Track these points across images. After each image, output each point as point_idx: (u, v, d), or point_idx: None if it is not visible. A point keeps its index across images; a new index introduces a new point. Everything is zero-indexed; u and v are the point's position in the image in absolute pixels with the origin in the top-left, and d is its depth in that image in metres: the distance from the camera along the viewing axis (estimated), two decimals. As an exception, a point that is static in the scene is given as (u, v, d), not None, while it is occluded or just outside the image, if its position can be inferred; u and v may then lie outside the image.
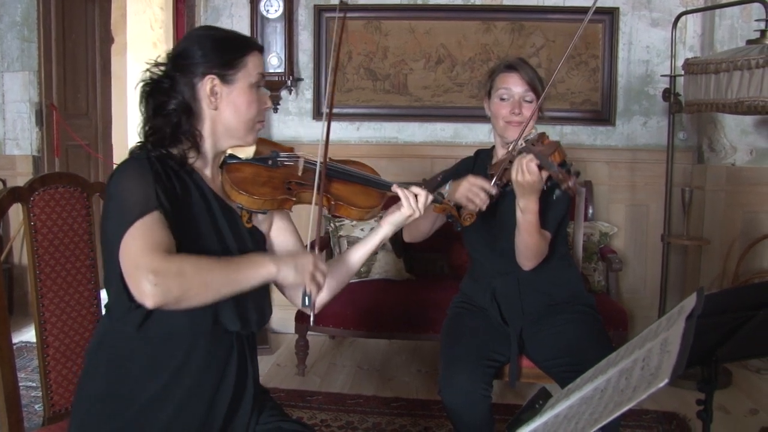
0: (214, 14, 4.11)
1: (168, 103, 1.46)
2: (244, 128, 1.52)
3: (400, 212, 1.64)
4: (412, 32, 4.01)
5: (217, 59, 1.47)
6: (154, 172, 1.39)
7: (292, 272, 1.40)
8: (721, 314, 1.45)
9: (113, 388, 1.43)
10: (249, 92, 1.50)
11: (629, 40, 3.91)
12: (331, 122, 1.62)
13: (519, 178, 1.96)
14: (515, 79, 2.21)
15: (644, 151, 3.93)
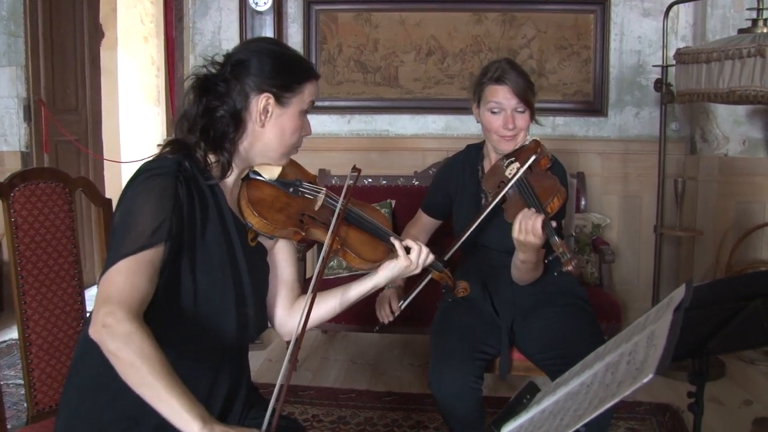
0: (203, 7, 4.07)
1: (219, 108, 1.42)
2: (283, 152, 1.51)
3: (395, 261, 1.61)
4: (402, 24, 3.98)
5: (278, 79, 1.45)
6: (176, 196, 1.34)
7: None
8: (711, 306, 1.43)
9: (102, 380, 1.39)
10: (298, 118, 1.49)
11: (621, 30, 3.89)
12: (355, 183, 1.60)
13: (522, 238, 1.93)
14: (505, 93, 2.15)
15: (637, 142, 3.92)
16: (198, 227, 1.39)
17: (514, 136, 2.17)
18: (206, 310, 1.39)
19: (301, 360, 3.54)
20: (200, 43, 4.11)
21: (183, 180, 1.37)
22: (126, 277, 1.25)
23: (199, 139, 1.41)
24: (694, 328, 1.50)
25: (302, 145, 1.57)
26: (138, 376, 1.20)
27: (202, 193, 1.41)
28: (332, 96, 4.08)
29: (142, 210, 1.30)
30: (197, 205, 1.39)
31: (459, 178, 2.35)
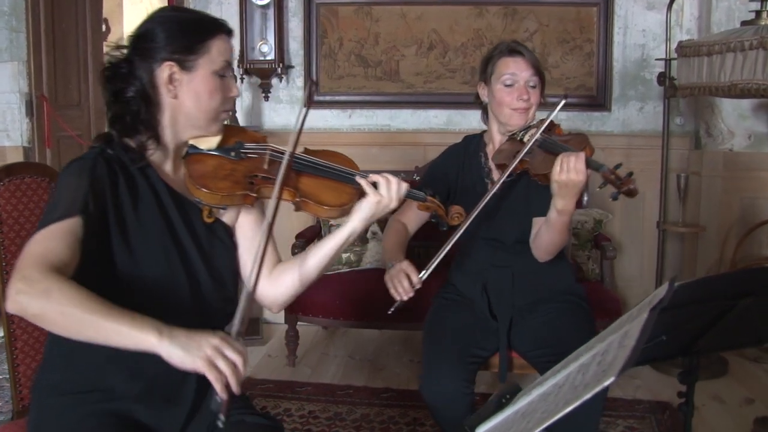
0: (203, 1, 4.05)
1: (126, 90, 1.39)
2: (206, 118, 1.44)
3: (365, 199, 1.52)
4: (403, 18, 3.94)
5: (176, 43, 1.39)
6: (94, 174, 1.32)
7: (178, 352, 1.14)
8: (698, 304, 1.40)
9: (69, 381, 1.39)
10: (211, 80, 1.41)
11: (625, 23, 3.84)
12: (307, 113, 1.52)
13: (564, 178, 1.85)
14: (520, 64, 2.14)
15: (640, 136, 3.87)
16: (127, 208, 1.36)
17: (527, 110, 2.14)
18: (154, 294, 1.36)
19: (300, 356, 3.53)
20: (201, 37, 4.08)
21: (105, 161, 1.36)
22: (40, 244, 1.23)
23: (119, 125, 1.40)
24: (683, 326, 1.47)
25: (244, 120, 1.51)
26: (74, 322, 1.15)
27: (130, 175, 1.39)
28: (333, 90, 4.06)
29: (62, 186, 1.32)
30: (123, 186, 1.37)
31: (459, 168, 2.30)
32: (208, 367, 1.14)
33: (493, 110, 2.20)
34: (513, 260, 2.21)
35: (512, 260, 2.21)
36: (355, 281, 3.46)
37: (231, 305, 1.48)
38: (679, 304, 1.35)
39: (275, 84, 4.08)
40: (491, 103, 2.19)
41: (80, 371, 1.38)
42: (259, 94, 4.08)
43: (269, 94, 4.07)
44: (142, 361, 1.34)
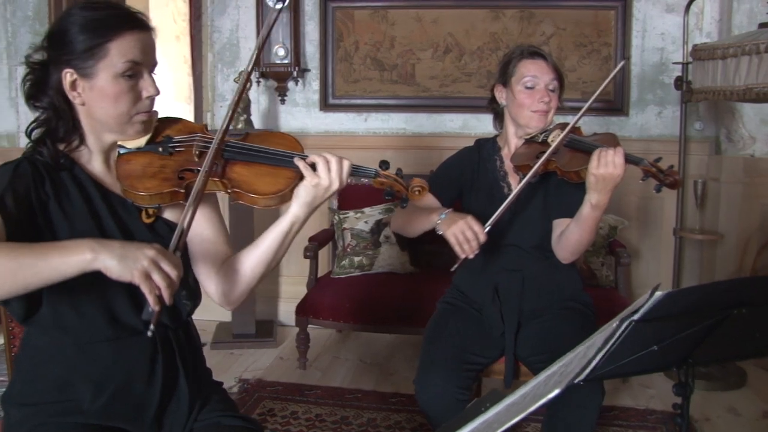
0: (221, 5, 4.08)
1: (38, 97, 1.35)
2: (117, 123, 1.36)
3: (302, 183, 1.41)
4: (419, 21, 3.93)
5: (73, 49, 1.30)
6: (16, 174, 1.29)
7: (114, 263, 1.11)
8: (689, 314, 1.36)
9: (33, 393, 1.39)
10: (115, 84, 1.32)
11: (643, 26, 3.77)
12: (240, 97, 1.45)
13: (602, 171, 1.87)
14: (542, 67, 2.14)
15: (658, 141, 3.80)
16: (54, 207, 1.33)
17: (547, 113, 2.14)
18: (88, 293, 1.33)
19: (311, 359, 3.53)
20: (218, 41, 4.12)
21: (30, 163, 1.33)
22: None
23: (41, 131, 1.36)
24: (675, 336, 1.43)
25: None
26: (7, 272, 1.10)
27: (58, 176, 1.35)
28: (348, 94, 4.06)
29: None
30: (49, 186, 1.33)
31: (473, 171, 2.29)
32: (143, 279, 1.12)
33: (512, 113, 2.19)
34: (524, 264, 2.20)
35: (524, 264, 2.20)
36: (367, 285, 3.45)
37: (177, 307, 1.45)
38: (665, 314, 1.32)
39: (291, 87, 4.09)
40: (510, 105, 2.18)
41: (44, 383, 1.39)
42: (275, 98, 4.10)
43: (285, 97, 4.09)
44: (105, 374, 1.36)
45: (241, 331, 3.82)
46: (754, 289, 1.38)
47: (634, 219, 3.84)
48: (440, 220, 2.01)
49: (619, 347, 1.39)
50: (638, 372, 1.74)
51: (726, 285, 1.41)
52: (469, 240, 1.93)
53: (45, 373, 1.38)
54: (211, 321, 4.07)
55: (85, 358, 1.37)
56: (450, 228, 1.96)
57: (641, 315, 1.30)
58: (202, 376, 1.56)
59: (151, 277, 1.13)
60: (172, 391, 1.45)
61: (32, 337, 1.40)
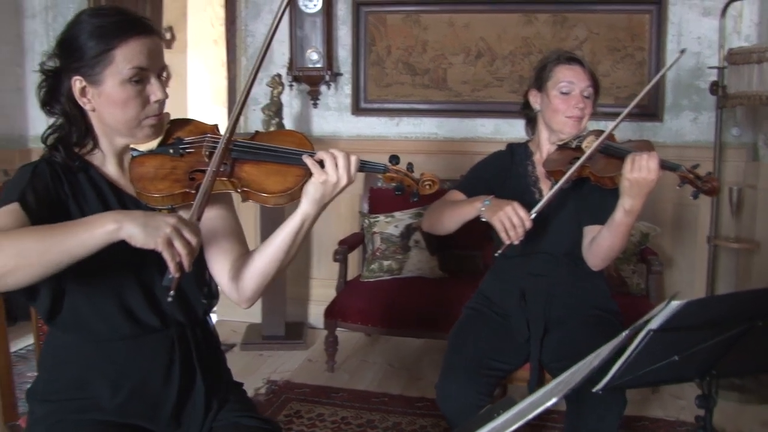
0: (255, 10, 4.14)
1: (52, 103, 1.39)
2: (127, 127, 1.39)
3: (310, 181, 1.40)
4: (451, 26, 3.93)
5: (81, 57, 1.33)
6: (35, 173, 1.34)
7: (138, 231, 1.15)
8: (710, 324, 1.34)
9: (54, 390, 1.43)
10: (122, 90, 1.34)
11: (679, 30, 3.71)
12: (247, 96, 1.41)
13: (636, 176, 1.87)
14: (578, 73, 2.14)
15: (693, 148, 3.73)
16: (73, 206, 1.36)
17: (581, 119, 2.14)
18: (105, 293, 1.37)
19: (339, 361, 3.55)
20: (252, 45, 4.18)
21: (48, 165, 1.37)
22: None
23: (56, 136, 1.40)
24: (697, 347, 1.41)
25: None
26: (36, 254, 1.14)
27: (75, 177, 1.39)
28: (380, 98, 4.08)
29: (5, 187, 1.33)
30: (66, 186, 1.37)
31: (505, 175, 2.27)
32: (166, 246, 1.16)
33: (546, 117, 2.18)
34: (551, 270, 2.19)
35: (551, 270, 2.19)
36: (396, 289, 3.46)
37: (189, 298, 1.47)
38: (684, 323, 1.31)
39: (324, 91, 4.13)
40: (545, 110, 2.18)
41: (63, 381, 1.43)
42: (308, 102, 4.14)
43: (318, 101, 4.13)
44: (122, 373, 1.40)
45: (270, 333, 3.86)
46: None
47: (668, 226, 3.78)
48: (484, 206, 2.00)
49: (638, 357, 1.38)
50: (659, 382, 1.73)
51: (747, 295, 1.38)
52: (516, 226, 1.93)
53: (65, 371, 1.43)
54: (242, 322, 4.13)
55: (103, 356, 1.41)
56: (496, 214, 1.95)
57: (659, 325, 1.29)
58: (220, 375, 1.58)
59: (173, 245, 1.16)
60: (189, 389, 1.48)
61: (55, 336, 1.45)
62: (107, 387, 1.41)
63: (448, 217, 2.16)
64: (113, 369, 1.41)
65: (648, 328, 1.31)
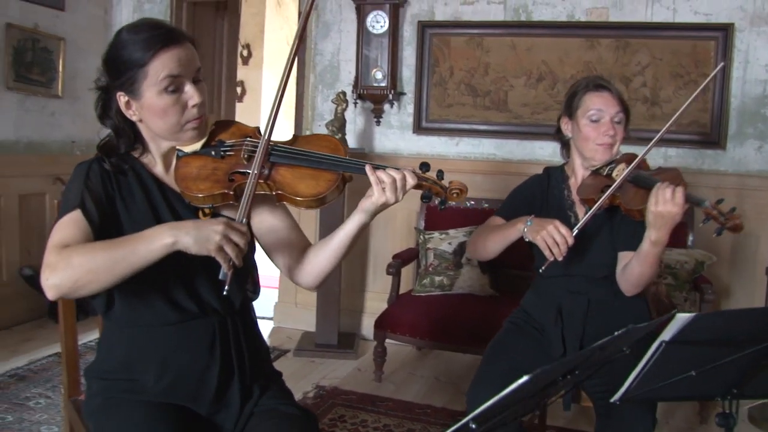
0: (324, 29, 4.31)
1: (104, 119, 1.54)
2: (170, 132, 1.50)
3: (371, 200, 1.50)
4: (513, 49, 3.99)
5: (119, 74, 1.46)
6: (88, 176, 1.47)
7: (192, 242, 1.30)
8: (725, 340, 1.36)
9: (106, 369, 1.57)
10: (159, 100, 1.45)
11: (746, 58, 3.67)
12: (281, 101, 1.47)
13: (660, 209, 1.87)
14: (607, 100, 2.16)
15: (757, 177, 3.66)
16: (119, 203, 1.49)
17: (612, 145, 2.16)
18: (151, 284, 1.48)
19: (387, 372, 3.63)
20: (320, 63, 4.35)
21: (98, 166, 1.50)
22: (53, 237, 1.39)
23: (108, 145, 1.54)
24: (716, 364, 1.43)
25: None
26: (104, 269, 1.30)
27: (124, 176, 1.52)
28: (442, 118, 4.17)
29: (67, 188, 1.48)
30: (115, 185, 1.50)
31: (543, 199, 2.32)
32: (217, 252, 1.31)
33: (578, 145, 2.22)
34: (590, 289, 2.21)
35: (590, 289, 2.21)
36: (446, 304, 3.52)
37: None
38: (697, 338, 1.34)
39: (387, 109, 4.25)
40: (576, 137, 2.21)
41: (113, 362, 1.56)
42: (371, 119, 4.27)
43: (381, 119, 4.25)
44: (168, 357, 1.52)
45: (324, 341, 3.97)
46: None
47: (726, 256, 3.72)
48: (527, 227, 2.06)
49: (654, 369, 1.41)
50: (678, 398, 1.74)
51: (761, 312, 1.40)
52: (559, 243, 1.98)
53: (116, 353, 1.56)
54: (297, 330, 4.27)
55: (150, 341, 1.53)
56: (539, 233, 2.01)
57: (672, 337, 1.33)
58: (261, 363, 1.68)
59: (224, 249, 1.31)
60: (230, 374, 1.58)
61: (110, 324, 1.59)
62: (153, 370, 1.53)
63: (492, 242, 2.22)
64: (158, 353, 1.53)
65: (661, 340, 1.35)
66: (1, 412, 2.99)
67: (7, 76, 4.03)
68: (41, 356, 3.69)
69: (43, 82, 4.24)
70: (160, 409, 1.51)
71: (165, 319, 1.52)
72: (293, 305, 4.47)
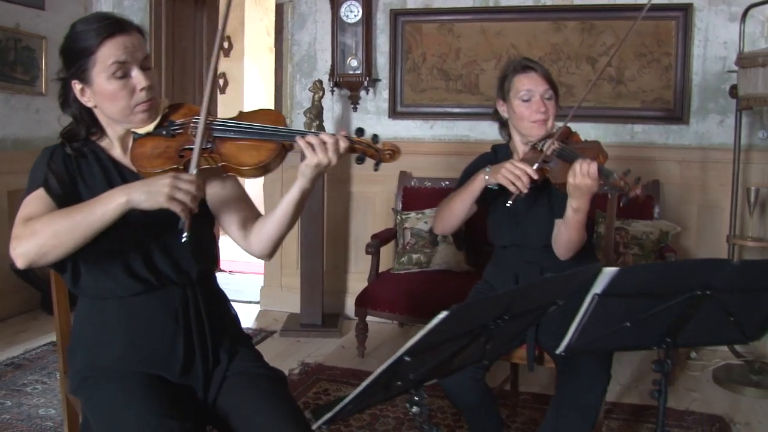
0: (300, 20, 4.43)
1: (64, 107, 1.66)
2: (122, 115, 1.61)
3: (304, 162, 1.59)
4: (483, 33, 4.13)
5: (70, 63, 1.58)
6: (51, 158, 1.61)
7: (144, 197, 1.42)
8: (652, 292, 1.51)
9: (80, 343, 1.71)
10: (109, 85, 1.56)
11: (705, 36, 3.81)
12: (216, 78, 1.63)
13: (578, 182, 2.02)
14: (535, 79, 2.28)
15: (719, 150, 3.81)
16: (81, 184, 1.62)
17: (546, 121, 2.27)
18: (110, 256, 1.59)
19: (370, 349, 3.78)
20: (297, 53, 4.47)
21: (61, 150, 1.63)
22: (20, 212, 1.53)
23: (72, 131, 1.67)
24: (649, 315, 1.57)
25: None
26: (67, 233, 1.43)
27: (85, 159, 1.64)
28: (416, 102, 4.30)
29: (30, 174, 1.61)
30: (76, 168, 1.62)
31: None
32: (169, 201, 1.42)
33: (515, 124, 2.35)
34: (542, 257, 2.35)
35: (541, 257, 2.35)
36: (423, 281, 3.67)
37: (177, 265, 1.68)
38: (625, 291, 1.48)
39: (363, 96, 4.38)
40: (512, 117, 2.35)
41: (87, 336, 1.70)
42: (348, 105, 4.40)
43: (357, 105, 4.38)
44: (136, 328, 1.65)
45: (308, 321, 4.12)
46: (712, 272, 1.50)
47: (693, 226, 3.88)
48: (487, 174, 2.20)
49: (591, 321, 1.56)
50: (619, 347, 1.88)
51: (681, 265, 1.55)
52: (520, 176, 2.10)
53: (88, 326, 1.69)
54: (283, 312, 4.42)
55: (117, 313, 1.65)
56: (499, 172, 2.13)
57: (602, 290, 1.47)
58: (225, 330, 1.79)
59: (176, 197, 1.42)
60: (195, 341, 1.70)
61: (82, 299, 1.71)
62: (123, 340, 1.65)
63: (457, 203, 2.33)
64: (128, 324, 1.65)
65: (593, 293, 1.49)
66: (0, 398, 3.13)
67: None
68: (36, 345, 3.82)
69: (27, 80, 4.35)
70: (136, 378, 1.62)
71: (128, 289, 1.63)
72: (279, 288, 4.61)
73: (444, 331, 1.24)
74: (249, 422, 1.64)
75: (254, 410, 1.65)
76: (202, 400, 1.70)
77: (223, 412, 1.69)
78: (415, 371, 1.34)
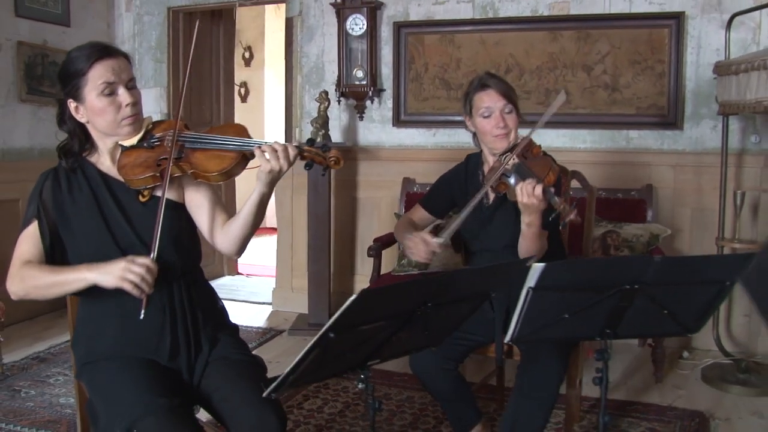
0: (309, 33, 4.63)
1: (61, 125, 1.89)
2: (110, 128, 1.84)
3: (260, 169, 1.80)
4: (482, 44, 4.28)
5: (65, 84, 1.83)
6: (42, 187, 1.83)
7: (104, 279, 1.68)
8: (584, 286, 1.64)
9: (79, 338, 1.94)
10: (99, 101, 1.80)
11: (698, 43, 3.91)
12: (182, 97, 1.89)
13: (525, 201, 2.17)
14: (493, 95, 2.40)
15: (713, 155, 3.89)
16: (68, 202, 1.83)
17: (507, 134, 2.41)
18: (94, 259, 1.78)
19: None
20: (306, 65, 4.67)
21: (53, 174, 1.86)
22: (17, 249, 1.80)
23: (68, 147, 1.89)
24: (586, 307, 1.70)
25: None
26: (45, 288, 1.74)
27: (74, 177, 1.86)
28: (419, 111, 4.47)
29: (27, 204, 1.86)
30: (66, 188, 1.85)
31: (462, 185, 2.60)
32: (122, 281, 1.65)
33: (480, 138, 2.50)
34: (503, 259, 2.48)
35: (503, 259, 2.48)
36: (423, 282, 3.82)
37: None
38: (557, 284, 1.62)
39: (368, 105, 4.56)
40: (478, 132, 2.49)
41: (88, 328, 1.92)
42: (354, 115, 4.58)
43: (363, 114, 4.56)
44: (127, 319, 1.84)
45: (316, 321, 4.30)
46: (638, 268, 1.64)
47: (686, 229, 3.97)
48: (404, 243, 2.42)
49: (531, 313, 1.70)
50: (563, 337, 2.02)
51: (607, 262, 1.68)
52: (419, 247, 2.33)
53: (87, 320, 1.91)
54: (293, 312, 4.61)
55: (109, 309, 1.86)
56: (404, 245, 2.41)
57: (535, 284, 1.62)
58: (210, 320, 1.97)
59: (126, 278, 1.65)
60: (179, 331, 1.89)
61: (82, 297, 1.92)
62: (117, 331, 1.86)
63: (399, 238, 2.58)
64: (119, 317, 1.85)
65: (527, 286, 1.64)
66: (25, 387, 3.40)
67: (20, 90, 4.40)
68: (60, 341, 4.06)
69: (54, 93, 4.62)
70: (130, 361, 1.83)
71: (120, 290, 1.78)
72: (289, 290, 4.80)
73: (362, 311, 1.40)
74: (228, 402, 1.83)
75: (232, 391, 1.84)
76: (188, 382, 1.90)
77: (206, 393, 1.89)
78: (347, 348, 1.50)
